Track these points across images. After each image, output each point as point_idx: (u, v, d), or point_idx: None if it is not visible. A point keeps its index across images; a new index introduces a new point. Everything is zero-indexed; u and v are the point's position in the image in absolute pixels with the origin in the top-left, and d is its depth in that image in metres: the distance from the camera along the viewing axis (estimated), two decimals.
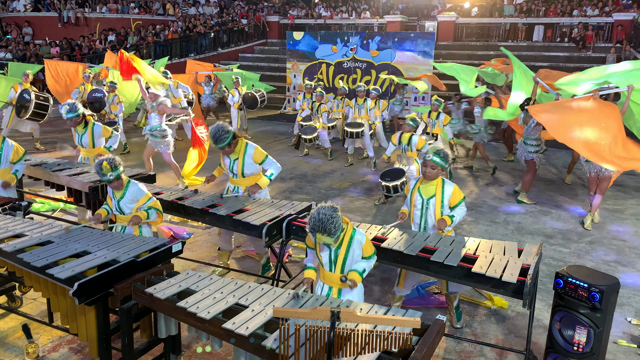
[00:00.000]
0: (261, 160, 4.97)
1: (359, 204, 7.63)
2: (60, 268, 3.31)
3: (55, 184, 5.82)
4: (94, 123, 6.15)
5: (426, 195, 4.18)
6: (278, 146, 11.80)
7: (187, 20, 23.58)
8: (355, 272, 3.29)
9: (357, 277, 3.27)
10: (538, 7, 20.72)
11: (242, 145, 4.92)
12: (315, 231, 3.00)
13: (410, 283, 4.40)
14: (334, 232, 2.99)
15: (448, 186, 4.17)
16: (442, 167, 4.08)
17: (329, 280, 3.37)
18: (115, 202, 4.27)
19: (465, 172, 9.67)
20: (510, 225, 6.84)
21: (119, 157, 4.20)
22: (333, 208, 3.02)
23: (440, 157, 4.06)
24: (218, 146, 4.77)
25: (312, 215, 3.02)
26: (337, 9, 24.18)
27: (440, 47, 19.29)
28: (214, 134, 4.71)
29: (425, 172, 4.13)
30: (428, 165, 4.10)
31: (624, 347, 4.12)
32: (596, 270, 3.53)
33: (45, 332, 4.12)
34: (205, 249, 5.90)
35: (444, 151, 4.10)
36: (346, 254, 3.25)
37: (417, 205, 4.24)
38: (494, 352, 4.05)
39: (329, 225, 2.96)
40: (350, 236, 3.25)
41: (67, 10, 23.31)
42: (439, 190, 4.14)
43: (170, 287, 3.20)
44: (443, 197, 4.13)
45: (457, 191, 4.17)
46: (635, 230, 6.74)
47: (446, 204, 4.15)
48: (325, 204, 3.05)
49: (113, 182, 4.15)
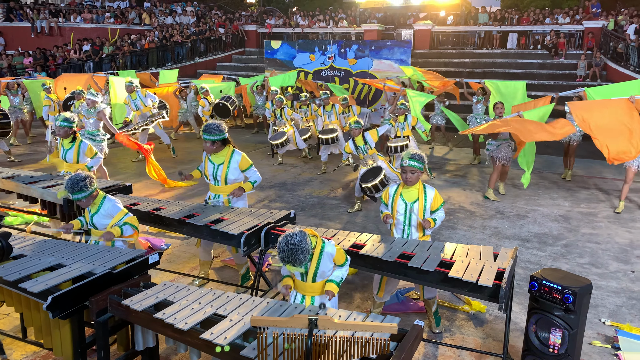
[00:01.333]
0: (246, 167, 5.01)
1: (338, 212, 7.65)
2: (33, 282, 3.25)
3: (28, 197, 5.72)
4: (82, 140, 6.11)
5: (409, 200, 4.23)
6: (257, 155, 11.78)
7: (164, 29, 23.46)
8: (332, 282, 3.31)
9: (334, 288, 3.29)
10: (512, 16, 21.18)
11: (229, 151, 4.95)
12: (286, 262, 2.98)
13: (390, 290, 4.42)
14: (303, 261, 2.97)
15: (430, 190, 4.23)
16: (420, 169, 4.15)
17: (301, 289, 3.38)
18: (90, 216, 4.18)
19: (444, 177, 9.78)
20: (488, 230, 6.93)
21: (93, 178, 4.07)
22: (301, 235, 2.96)
23: (416, 160, 4.12)
24: (204, 136, 4.78)
25: (280, 246, 2.96)
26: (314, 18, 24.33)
27: (417, 55, 19.54)
28: (208, 124, 4.77)
29: (407, 178, 4.18)
30: (407, 170, 4.14)
31: (598, 347, 4.20)
32: (570, 273, 3.60)
33: (19, 348, 4.03)
34: (184, 260, 5.84)
35: (418, 154, 4.16)
36: (317, 267, 3.26)
37: (400, 211, 4.27)
38: (473, 356, 4.08)
39: (299, 256, 2.93)
40: (320, 249, 3.25)
41: (40, 20, 22.98)
42: (422, 194, 4.20)
43: (147, 299, 3.17)
44: (426, 201, 4.19)
45: (437, 195, 4.24)
46: (608, 233, 6.89)
47: (428, 207, 4.21)
48: (293, 231, 2.99)
49: (82, 201, 4.03)
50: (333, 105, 10.67)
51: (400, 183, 4.32)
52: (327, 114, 10.68)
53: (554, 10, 21.42)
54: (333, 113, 10.62)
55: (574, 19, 19.58)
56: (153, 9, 26.93)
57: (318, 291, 3.34)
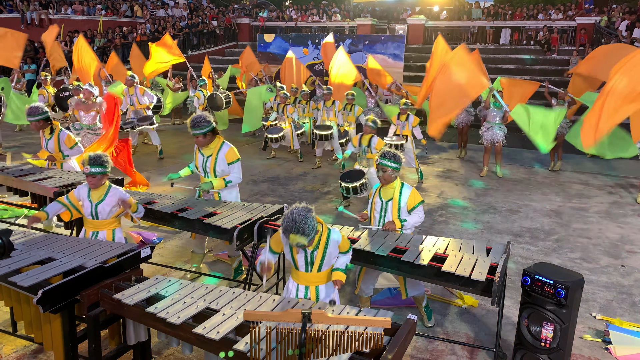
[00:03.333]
0: (231, 160, 4.89)
1: (331, 206, 7.64)
2: (23, 275, 3.22)
3: (18, 190, 5.65)
4: (61, 130, 6.02)
5: (385, 198, 4.27)
6: (249, 149, 11.74)
7: (156, 22, 23.26)
8: (338, 271, 3.30)
9: (342, 276, 3.29)
10: (505, 11, 21.20)
11: (218, 143, 4.88)
12: (289, 232, 2.91)
13: (370, 281, 4.39)
14: (308, 233, 2.91)
15: (406, 189, 4.25)
16: (393, 168, 4.16)
17: (304, 280, 3.34)
18: (92, 205, 4.04)
19: (437, 172, 9.80)
20: (480, 225, 6.95)
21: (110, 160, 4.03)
22: (307, 209, 2.96)
23: (387, 159, 4.14)
24: (193, 131, 4.70)
25: (285, 215, 2.95)
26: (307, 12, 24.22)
27: (410, 49, 19.51)
28: (195, 119, 4.67)
29: (380, 177, 4.22)
30: (379, 169, 4.19)
31: (589, 341, 4.23)
32: (562, 268, 3.62)
33: (9, 342, 3.99)
34: (176, 254, 5.82)
35: (391, 153, 4.17)
36: (323, 255, 3.25)
37: (377, 208, 4.33)
38: (465, 350, 4.10)
39: (303, 226, 2.88)
40: (327, 237, 3.24)
41: (30, 12, 22.68)
42: (397, 193, 4.23)
43: (139, 293, 3.14)
44: (400, 200, 4.22)
45: (414, 194, 4.24)
46: (599, 228, 6.93)
47: (403, 206, 4.22)
48: (300, 205, 2.99)
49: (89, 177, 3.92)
50: (334, 102, 10.58)
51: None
52: (326, 110, 10.61)
53: (547, 6, 21.47)
54: (332, 109, 10.55)
55: (567, 15, 19.64)
56: (145, 1, 26.68)
57: (323, 280, 3.32)
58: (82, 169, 4.14)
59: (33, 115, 5.77)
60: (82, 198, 4.08)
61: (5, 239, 3.40)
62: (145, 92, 10.71)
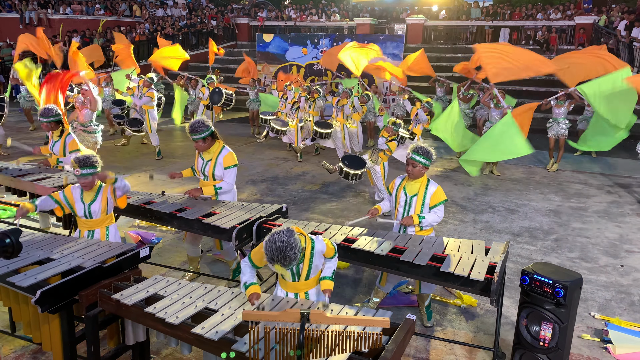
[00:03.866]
0: (228, 165, 4.86)
1: (330, 206, 7.64)
2: (22, 276, 3.21)
3: (17, 190, 5.65)
4: (69, 134, 6.02)
5: (410, 193, 4.24)
6: (249, 149, 11.73)
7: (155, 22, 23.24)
8: (326, 280, 3.25)
9: (330, 284, 3.25)
10: (504, 11, 21.21)
11: (218, 147, 4.87)
12: (274, 262, 2.76)
13: (392, 282, 4.46)
14: (293, 260, 2.76)
15: (432, 186, 4.23)
16: (424, 165, 4.15)
17: (292, 288, 3.28)
18: (85, 206, 4.06)
19: (435, 172, 9.80)
20: (479, 224, 6.96)
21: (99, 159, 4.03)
22: (289, 233, 2.77)
23: (419, 154, 4.13)
24: (192, 137, 4.71)
25: (267, 244, 2.75)
26: (306, 11, 24.22)
27: (409, 49, 19.45)
28: (192, 124, 4.69)
29: (409, 171, 4.20)
30: (409, 163, 4.17)
31: (588, 341, 4.23)
32: (561, 267, 3.61)
33: (8, 342, 3.99)
34: (175, 254, 5.81)
35: (423, 148, 4.16)
36: (309, 266, 3.19)
37: (401, 203, 4.29)
38: (464, 350, 4.10)
39: (288, 253, 2.71)
40: (311, 249, 3.15)
41: (29, 11, 22.65)
42: (422, 189, 4.21)
43: (137, 293, 3.14)
44: (425, 196, 4.19)
45: (439, 192, 4.22)
46: (598, 227, 6.94)
47: (427, 202, 4.20)
48: (280, 229, 2.80)
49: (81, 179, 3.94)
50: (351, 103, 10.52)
51: (406, 176, 4.33)
52: (336, 109, 10.57)
53: (545, 6, 21.49)
54: (342, 110, 10.50)
55: (566, 15, 19.65)
56: (144, 0, 26.67)
57: (311, 285, 3.29)
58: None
59: (46, 116, 5.78)
60: (76, 199, 4.08)
61: (14, 239, 3.38)
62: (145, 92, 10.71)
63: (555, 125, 9.69)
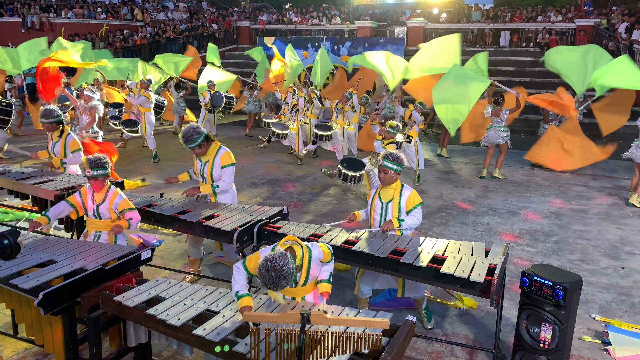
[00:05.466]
0: (225, 164, 4.89)
1: (331, 208, 7.66)
2: (24, 278, 3.24)
3: (19, 193, 5.67)
4: (69, 133, 6.06)
5: (385, 200, 4.29)
6: (250, 152, 11.76)
7: (157, 25, 23.31)
8: (323, 283, 3.26)
9: (328, 287, 3.26)
10: (504, 13, 21.24)
11: (215, 148, 4.90)
12: (271, 289, 2.73)
13: (368, 282, 4.39)
14: (286, 285, 2.74)
15: (406, 190, 4.27)
16: (395, 170, 4.19)
17: (290, 293, 3.28)
18: (95, 206, 4.16)
19: (436, 174, 9.81)
20: (480, 227, 6.97)
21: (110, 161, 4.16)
22: (282, 257, 2.70)
23: (390, 161, 4.16)
24: (188, 146, 4.75)
25: (260, 270, 2.69)
26: (307, 15, 24.27)
27: (410, 52, 19.40)
28: (185, 134, 4.70)
29: (381, 178, 4.26)
30: (380, 170, 4.22)
31: (588, 342, 4.24)
32: (560, 269, 3.63)
33: (10, 344, 4.01)
34: (176, 257, 5.83)
35: (393, 155, 4.19)
36: (307, 274, 3.20)
37: (377, 210, 4.34)
38: (465, 352, 4.11)
39: (282, 281, 2.68)
40: (309, 258, 3.15)
41: (31, 15, 22.75)
42: (397, 195, 4.25)
43: (139, 295, 3.16)
44: (400, 201, 4.23)
45: (413, 196, 4.26)
46: (599, 229, 6.94)
47: (403, 207, 4.24)
48: (275, 254, 2.72)
49: (92, 180, 4.07)
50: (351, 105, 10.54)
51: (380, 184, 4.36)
52: (336, 111, 10.60)
53: (546, 8, 21.50)
54: (341, 112, 10.54)
55: (566, 17, 19.66)
56: (145, 4, 26.75)
57: (309, 290, 3.31)
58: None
59: (48, 117, 5.82)
60: (88, 198, 4.20)
61: (12, 240, 3.41)
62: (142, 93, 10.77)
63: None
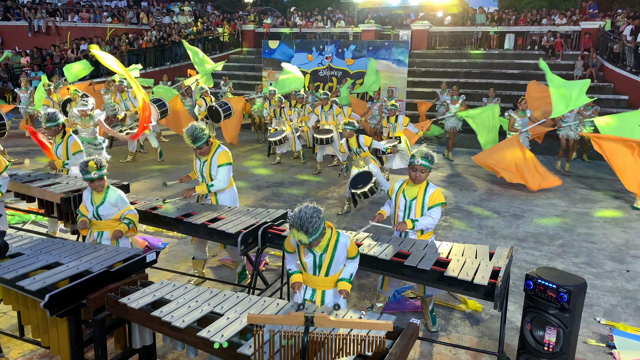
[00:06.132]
0: (221, 162, 4.94)
1: (335, 211, 7.67)
2: (30, 280, 3.26)
3: (25, 196, 5.71)
4: (70, 135, 6.12)
5: (409, 197, 4.26)
6: (253, 155, 11.79)
7: (162, 29, 23.43)
8: (344, 281, 3.33)
9: (347, 286, 3.32)
10: (509, 16, 21.21)
11: (214, 147, 4.98)
12: (293, 227, 2.99)
13: (394, 285, 4.47)
14: (311, 232, 2.97)
15: (431, 188, 4.26)
16: (429, 169, 4.19)
17: (311, 283, 3.38)
18: (94, 208, 4.23)
19: (441, 177, 9.81)
20: (484, 230, 6.96)
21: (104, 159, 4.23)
22: (316, 209, 3.02)
23: (427, 160, 4.16)
24: (196, 145, 4.80)
25: (294, 211, 3.02)
26: (312, 18, 24.33)
27: (414, 55, 19.56)
28: (192, 133, 4.75)
29: (416, 177, 4.19)
30: (418, 169, 4.17)
31: (593, 346, 4.22)
32: (565, 272, 3.62)
33: (16, 346, 4.03)
34: (181, 259, 5.85)
35: (430, 154, 4.19)
36: (331, 259, 3.28)
37: (401, 207, 4.31)
38: (469, 355, 4.11)
39: (307, 224, 2.95)
40: (336, 240, 3.27)
41: (37, 19, 22.92)
42: (422, 192, 4.23)
43: (144, 297, 3.18)
44: (424, 199, 4.21)
45: (437, 194, 4.24)
46: (604, 232, 6.92)
47: (426, 204, 4.23)
48: (310, 204, 3.05)
49: (95, 182, 4.15)
50: (331, 106, 10.67)
51: (406, 180, 4.34)
52: (324, 114, 10.69)
53: (551, 11, 21.47)
54: (330, 114, 10.63)
55: (571, 20, 19.62)
56: (150, 8, 26.89)
57: (330, 285, 3.35)
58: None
59: (53, 120, 5.91)
60: (85, 200, 4.29)
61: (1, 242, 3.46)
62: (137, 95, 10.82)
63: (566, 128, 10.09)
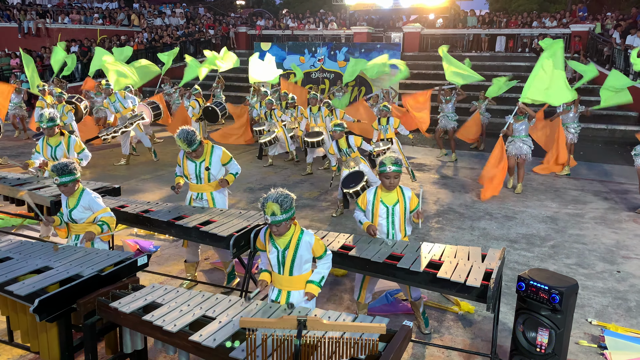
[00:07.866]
0: (227, 160, 5.11)
1: (329, 213, 7.66)
2: (20, 284, 3.23)
3: (15, 199, 5.66)
4: (70, 136, 6.11)
5: (390, 203, 4.23)
6: (246, 157, 11.76)
7: (153, 31, 23.35)
8: (312, 284, 3.31)
9: (315, 289, 3.30)
10: (500, 19, 21.36)
11: (208, 148, 5.01)
12: (268, 200, 3.09)
13: (371, 289, 4.41)
14: (284, 206, 3.09)
15: (407, 191, 4.27)
16: (401, 172, 4.20)
17: (278, 282, 3.38)
18: (67, 211, 4.21)
19: (433, 179, 9.83)
20: (476, 231, 6.98)
21: (78, 165, 4.18)
22: (289, 194, 3.17)
23: (397, 165, 4.14)
24: (191, 148, 4.79)
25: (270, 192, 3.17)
26: (304, 20, 24.36)
27: (406, 57, 19.60)
28: (186, 138, 4.74)
29: (390, 184, 4.17)
30: (391, 176, 4.14)
31: (585, 347, 4.24)
32: (556, 273, 3.63)
33: (5, 352, 3.98)
34: (173, 263, 5.82)
35: (398, 158, 4.17)
36: (294, 255, 3.26)
37: (382, 215, 4.25)
38: (461, 357, 4.11)
39: (281, 199, 3.08)
40: (298, 237, 3.26)
41: (27, 21, 22.76)
42: (400, 196, 4.23)
43: (135, 301, 3.15)
44: (405, 202, 4.23)
45: (414, 196, 4.29)
46: (595, 234, 6.96)
47: (408, 208, 4.24)
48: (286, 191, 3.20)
49: (61, 187, 4.09)
50: (319, 108, 10.67)
51: (378, 187, 4.30)
52: (313, 116, 10.68)
53: (541, 14, 21.64)
54: (319, 115, 10.62)
55: (561, 23, 19.79)
56: (142, 10, 26.80)
57: (296, 286, 3.34)
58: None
59: (54, 120, 5.94)
60: (63, 206, 4.26)
61: None
62: (126, 95, 10.80)
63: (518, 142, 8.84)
